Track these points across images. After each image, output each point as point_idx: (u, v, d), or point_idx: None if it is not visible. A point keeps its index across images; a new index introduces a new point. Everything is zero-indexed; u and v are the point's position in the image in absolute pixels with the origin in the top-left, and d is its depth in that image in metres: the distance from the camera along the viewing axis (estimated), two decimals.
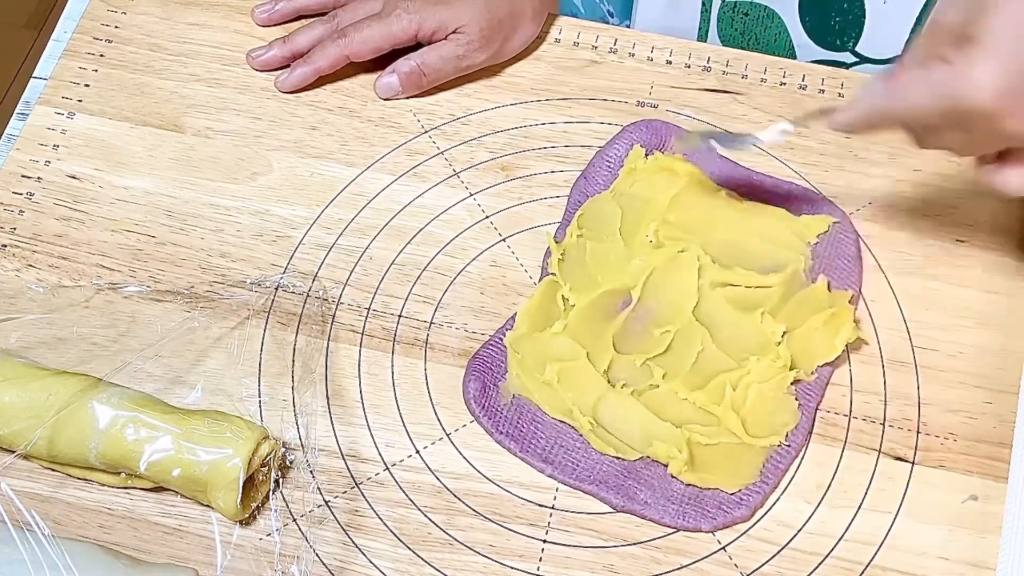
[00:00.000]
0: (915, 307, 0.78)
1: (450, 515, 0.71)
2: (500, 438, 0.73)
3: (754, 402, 0.73)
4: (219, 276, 0.79)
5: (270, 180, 0.83)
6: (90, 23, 0.90)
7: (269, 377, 0.75)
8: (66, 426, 0.69)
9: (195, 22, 0.90)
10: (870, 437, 0.74)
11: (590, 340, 0.75)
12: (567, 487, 0.72)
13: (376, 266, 0.80)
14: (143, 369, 0.75)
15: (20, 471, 0.72)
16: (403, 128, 0.86)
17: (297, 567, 0.68)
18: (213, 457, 0.68)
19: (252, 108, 0.86)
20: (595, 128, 0.85)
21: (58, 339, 0.76)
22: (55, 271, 0.79)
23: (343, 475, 0.72)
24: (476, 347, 0.77)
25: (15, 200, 0.82)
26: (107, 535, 0.70)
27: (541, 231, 0.81)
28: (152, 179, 0.83)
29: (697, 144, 0.81)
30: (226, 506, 0.68)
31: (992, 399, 0.75)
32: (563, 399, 0.74)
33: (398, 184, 0.83)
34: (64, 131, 0.85)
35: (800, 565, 0.70)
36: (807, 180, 0.83)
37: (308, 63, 0.86)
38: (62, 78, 0.87)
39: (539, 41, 0.89)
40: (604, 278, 0.77)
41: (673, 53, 0.89)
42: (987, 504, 0.72)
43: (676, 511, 0.71)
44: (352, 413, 0.74)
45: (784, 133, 0.76)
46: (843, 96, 0.87)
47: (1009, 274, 0.80)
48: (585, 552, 0.70)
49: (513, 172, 0.84)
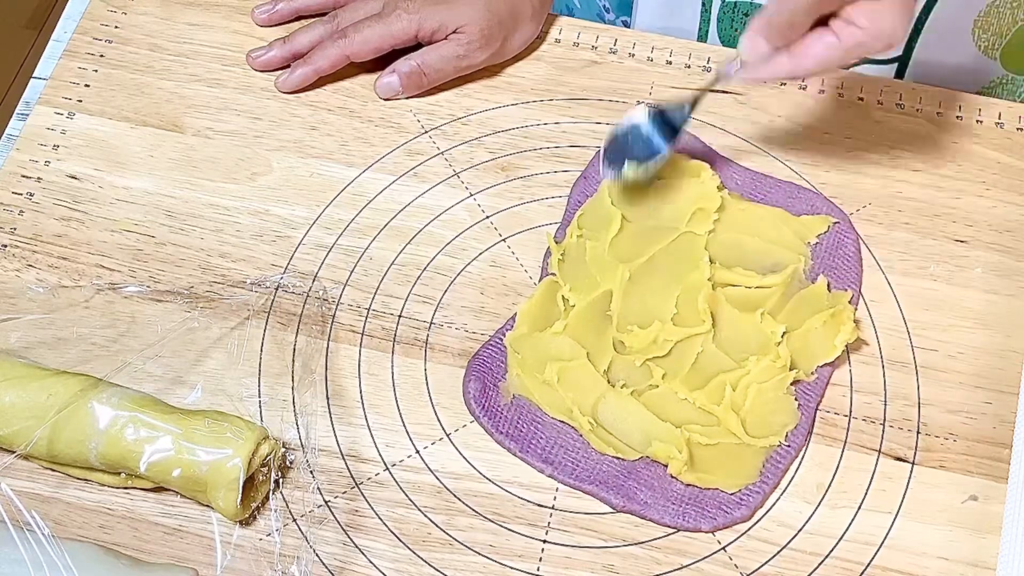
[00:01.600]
0: (915, 307, 0.78)
1: (450, 515, 0.71)
2: (500, 438, 0.73)
3: (754, 402, 0.73)
4: (219, 276, 0.79)
5: (270, 180, 0.83)
6: (90, 23, 0.90)
7: (269, 377, 0.75)
8: (66, 426, 0.69)
9: (195, 22, 0.90)
10: (870, 437, 0.74)
11: (590, 340, 0.75)
12: (567, 487, 0.72)
13: (376, 266, 0.80)
14: (143, 369, 0.75)
15: (20, 471, 0.72)
16: (403, 128, 0.86)
17: (297, 567, 0.68)
18: (213, 457, 0.68)
19: (252, 108, 0.86)
20: (595, 128, 0.85)
21: (58, 339, 0.76)
22: (55, 271, 0.79)
23: (343, 475, 0.72)
24: (476, 347, 0.77)
25: (15, 200, 0.82)
26: (107, 535, 0.70)
27: (541, 231, 0.81)
28: (152, 179, 0.83)
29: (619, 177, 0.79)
30: (226, 506, 0.68)
31: (992, 399, 0.75)
32: (563, 399, 0.74)
33: (398, 184, 0.83)
34: (64, 131, 0.85)
35: (800, 565, 0.70)
36: (807, 180, 0.83)
37: (308, 63, 0.86)
38: (62, 78, 0.87)
39: (539, 41, 0.89)
40: (604, 278, 0.77)
41: (673, 53, 0.89)
42: (987, 504, 0.72)
43: (676, 511, 0.71)
44: (352, 413, 0.74)
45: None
46: (843, 96, 0.87)
47: (1009, 274, 0.80)
48: (585, 552, 0.70)
49: (513, 172, 0.84)
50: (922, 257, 0.80)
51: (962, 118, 0.86)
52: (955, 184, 0.83)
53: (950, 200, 0.83)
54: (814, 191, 0.82)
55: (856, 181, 0.83)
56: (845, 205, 0.82)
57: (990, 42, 0.91)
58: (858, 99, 0.87)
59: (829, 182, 0.83)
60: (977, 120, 0.86)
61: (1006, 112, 0.86)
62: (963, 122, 0.86)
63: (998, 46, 0.92)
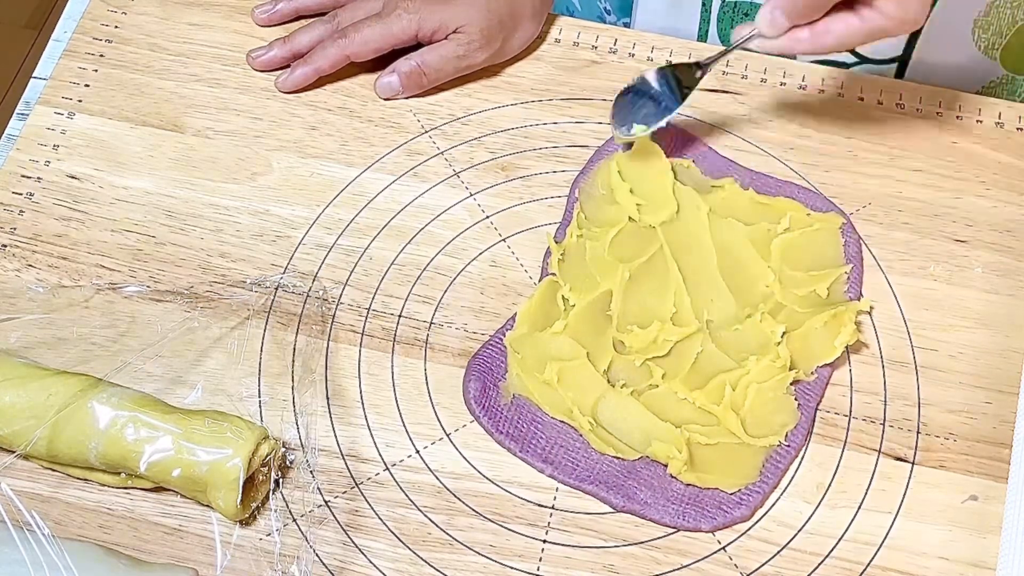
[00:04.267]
0: (915, 307, 0.78)
1: (450, 515, 0.71)
2: (500, 438, 0.73)
3: (754, 402, 0.73)
4: (219, 276, 0.79)
5: (270, 180, 0.83)
6: (90, 23, 0.90)
7: (269, 377, 0.75)
8: (66, 426, 0.69)
9: (195, 22, 0.90)
10: (870, 437, 0.74)
11: (590, 340, 0.75)
12: (567, 487, 0.72)
13: (376, 266, 0.80)
14: (143, 369, 0.75)
15: (20, 471, 0.72)
16: (403, 128, 0.86)
17: (297, 567, 0.68)
18: (213, 457, 0.68)
19: (252, 108, 0.86)
20: (595, 128, 0.85)
21: (58, 339, 0.76)
22: (55, 271, 0.79)
23: (343, 475, 0.72)
24: (476, 347, 0.77)
25: (15, 200, 0.82)
26: (107, 535, 0.70)
27: (541, 231, 0.81)
28: (152, 179, 0.83)
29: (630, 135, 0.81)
30: (226, 506, 0.68)
31: (992, 399, 0.75)
32: (563, 399, 0.74)
33: (398, 184, 0.83)
34: (64, 131, 0.85)
35: (800, 565, 0.70)
36: (807, 180, 0.83)
37: (308, 63, 0.86)
38: (62, 78, 0.87)
39: (539, 41, 0.89)
40: (604, 278, 0.77)
41: (673, 53, 0.89)
42: (987, 504, 0.72)
43: (676, 511, 0.71)
44: (352, 413, 0.74)
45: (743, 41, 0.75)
46: (842, 96, 0.87)
47: (1009, 274, 0.80)
48: (585, 552, 0.70)
49: (513, 172, 0.84)
50: (922, 257, 0.80)
51: (962, 118, 0.86)
52: (955, 184, 0.83)
53: (950, 200, 0.83)
54: (814, 191, 0.82)
55: (856, 181, 0.83)
56: (845, 205, 0.82)
57: (990, 42, 0.91)
58: (858, 99, 0.87)
59: (829, 182, 0.83)
60: (977, 120, 0.86)
61: (1006, 112, 0.86)
62: (963, 122, 0.86)
63: (998, 46, 0.92)
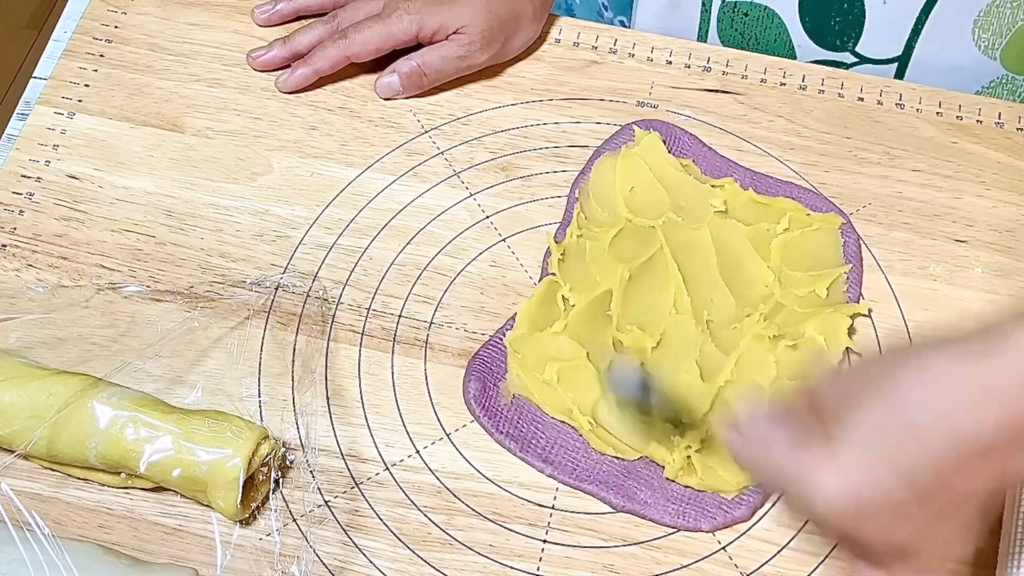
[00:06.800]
0: (915, 307, 0.78)
1: (450, 515, 0.71)
2: (500, 438, 0.73)
3: None
4: (219, 276, 0.79)
5: (270, 180, 0.83)
6: (90, 23, 0.90)
7: (269, 377, 0.75)
8: (66, 426, 0.69)
9: (195, 22, 0.90)
10: None
11: (590, 340, 0.75)
12: (567, 487, 0.72)
13: (376, 266, 0.80)
14: (143, 369, 0.75)
15: (20, 471, 0.72)
16: (403, 128, 0.86)
17: (297, 567, 0.68)
18: (213, 457, 0.68)
19: (252, 108, 0.86)
20: (595, 128, 0.85)
21: (58, 339, 0.76)
22: (55, 271, 0.79)
23: (343, 475, 0.72)
24: (476, 347, 0.77)
25: (15, 200, 0.82)
26: (107, 535, 0.70)
27: (541, 231, 0.81)
28: (152, 179, 0.83)
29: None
30: (226, 506, 0.68)
31: None
32: (563, 399, 0.74)
33: (398, 184, 0.83)
34: (64, 131, 0.85)
35: (800, 565, 0.70)
36: (807, 180, 0.83)
37: (308, 64, 0.86)
38: (62, 78, 0.87)
39: (539, 41, 0.89)
40: (604, 278, 0.77)
41: (673, 53, 0.89)
42: None
43: (676, 511, 0.71)
44: (352, 413, 0.74)
45: None
46: (842, 96, 0.87)
47: (1009, 274, 0.80)
48: (585, 552, 0.70)
49: (513, 172, 0.84)
50: (922, 257, 0.80)
51: (962, 118, 0.86)
52: (955, 184, 0.83)
53: (950, 200, 0.83)
54: (814, 191, 0.82)
55: (856, 181, 0.83)
56: (845, 205, 0.82)
57: (990, 42, 0.91)
58: (858, 99, 0.87)
59: (829, 182, 0.83)
60: (977, 120, 0.86)
61: (1006, 112, 0.86)
62: (963, 122, 0.86)
63: (998, 46, 0.92)
